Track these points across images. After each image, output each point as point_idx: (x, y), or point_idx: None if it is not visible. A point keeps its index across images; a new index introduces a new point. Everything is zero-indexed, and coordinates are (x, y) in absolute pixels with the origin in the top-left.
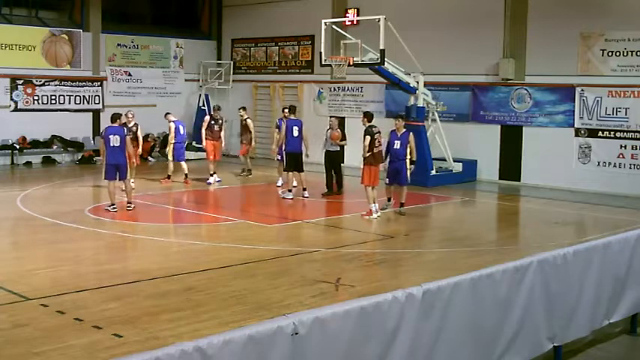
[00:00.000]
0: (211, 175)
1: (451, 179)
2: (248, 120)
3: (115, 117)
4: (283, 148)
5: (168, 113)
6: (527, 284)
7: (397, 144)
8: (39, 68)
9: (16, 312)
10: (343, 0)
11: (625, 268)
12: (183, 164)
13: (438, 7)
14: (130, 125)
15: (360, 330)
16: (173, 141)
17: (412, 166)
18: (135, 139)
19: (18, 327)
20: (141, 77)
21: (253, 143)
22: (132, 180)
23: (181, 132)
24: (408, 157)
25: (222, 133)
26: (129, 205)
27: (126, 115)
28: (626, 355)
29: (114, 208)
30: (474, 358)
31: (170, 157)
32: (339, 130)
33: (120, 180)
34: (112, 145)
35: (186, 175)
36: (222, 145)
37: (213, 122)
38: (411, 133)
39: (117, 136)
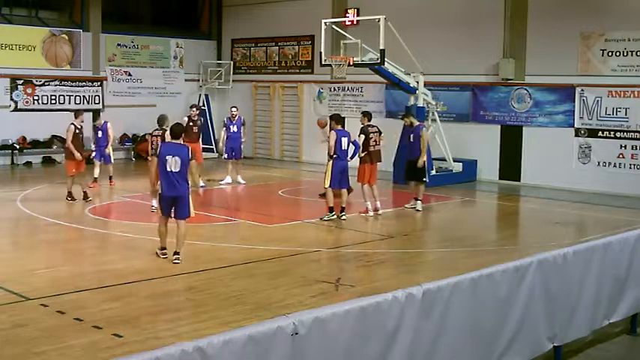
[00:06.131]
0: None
1: (451, 179)
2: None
3: (178, 130)
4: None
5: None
6: (527, 284)
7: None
8: (39, 68)
9: (16, 312)
10: (343, 0)
11: (625, 268)
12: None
13: (438, 7)
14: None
15: (360, 330)
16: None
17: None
18: None
19: (18, 327)
20: (141, 77)
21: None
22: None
23: (99, 135)
24: None
25: (201, 135)
26: (176, 256)
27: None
28: (626, 355)
29: (164, 254)
30: (473, 358)
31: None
32: (326, 119)
33: (176, 218)
34: (168, 169)
35: (95, 178)
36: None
37: (191, 123)
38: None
39: (177, 158)
